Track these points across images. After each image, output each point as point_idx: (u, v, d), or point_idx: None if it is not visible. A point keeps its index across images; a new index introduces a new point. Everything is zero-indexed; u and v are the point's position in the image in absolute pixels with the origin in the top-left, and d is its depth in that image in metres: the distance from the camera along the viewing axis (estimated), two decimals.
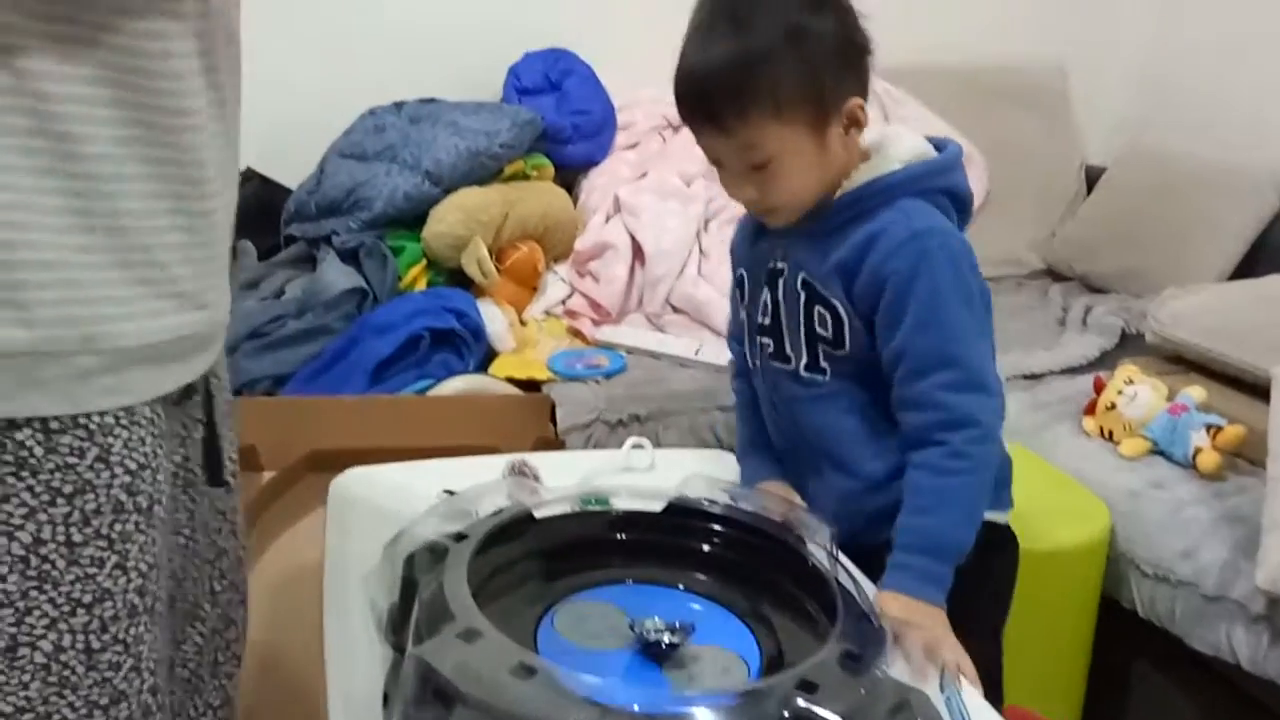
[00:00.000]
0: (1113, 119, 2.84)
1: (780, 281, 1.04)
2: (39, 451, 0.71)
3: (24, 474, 0.71)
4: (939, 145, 1.04)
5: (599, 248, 2.04)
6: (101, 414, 0.73)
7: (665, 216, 2.05)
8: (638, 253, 2.03)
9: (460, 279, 1.97)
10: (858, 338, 1.01)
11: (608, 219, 2.10)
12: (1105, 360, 2.01)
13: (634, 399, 1.76)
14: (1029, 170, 2.65)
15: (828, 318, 1.01)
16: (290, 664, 1.16)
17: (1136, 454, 1.61)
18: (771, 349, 1.07)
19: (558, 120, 2.17)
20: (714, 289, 2.01)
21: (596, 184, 2.22)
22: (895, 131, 1.05)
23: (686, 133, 2.36)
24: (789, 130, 0.94)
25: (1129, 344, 2.06)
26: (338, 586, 0.96)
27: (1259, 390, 1.58)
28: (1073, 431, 1.71)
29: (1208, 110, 2.62)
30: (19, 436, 0.70)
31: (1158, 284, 2.06)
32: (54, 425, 0.71)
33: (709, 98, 0.94)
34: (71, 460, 0.72)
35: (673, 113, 2.35)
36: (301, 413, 1.59)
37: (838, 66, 0.96)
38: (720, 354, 1.87)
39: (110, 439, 0.74)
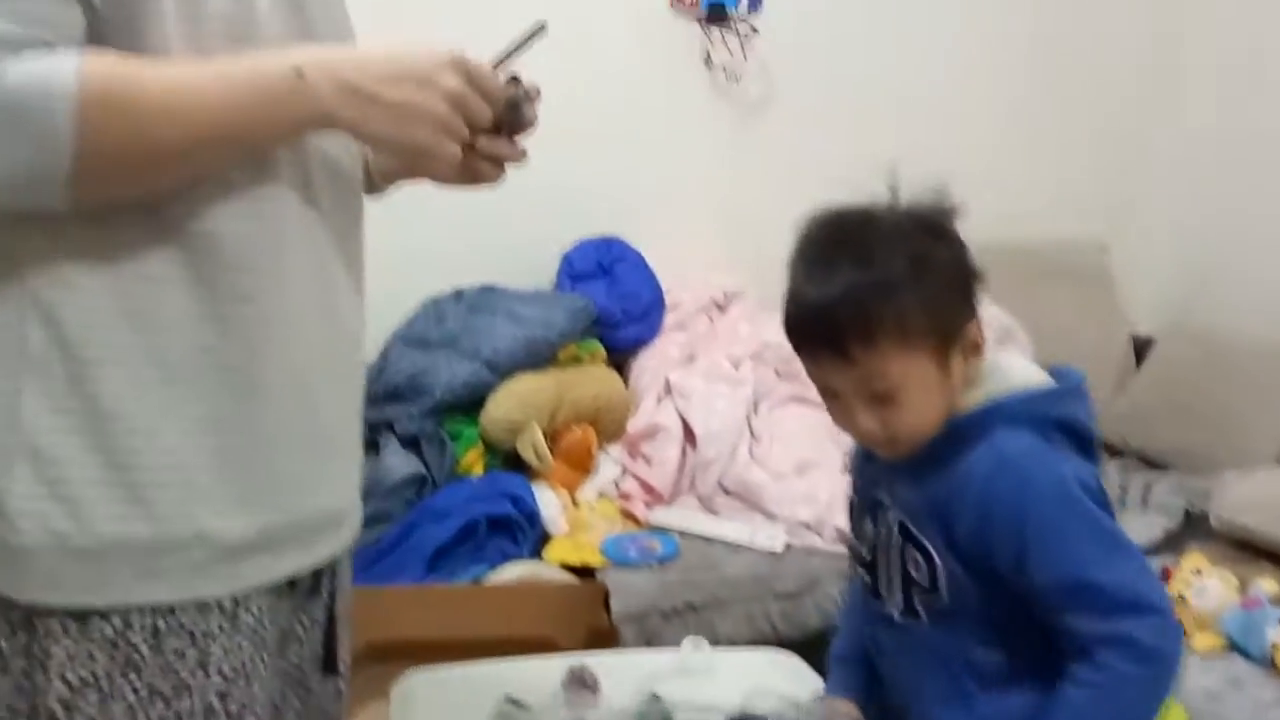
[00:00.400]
0: (1156, 292, 2.87)
1: (881, 516, 0.99)
2: (146, 652, 0.74)
3: (130, 673, 0.74)
4: (1057, 374, 0.98)
5: (651, 429, 2.07)
6: (209, 617, 0.76)
7: (714, 399, 2.09)
8: (689, 435, 2.06)
9: (516, 462, 2.00)
10: (955, 583, 0.93)
11: (659, 401, 2.14)
12: (1170, 542, 1.97)
13: (688, 585, 1.75)
14: (1075, 345, 2.66)
15: (922, 564, 0.95)
16: None
17: (1211, 650, 1.56)
18: (870, 584, 1.01)
19: (608, 305, 2.24)
20: (765, 472, 2.02)
21: (647, 366, 2.27)
22: (1005, 359, 1.00)
23: (734, 313, 2.45)
24: (915, 359, 0.92)
25: (1193, 523, 2.02)
26: None
27: None
28: None
29: (1253, 290, 2.64)
30: (132, 637, 0.74)
31: (1214, 459, 2.04)
32: (162, 627, 0.75)
33: (835, 327, 0.91)
34: (174, 661, 0.75)
35: (718, 294, 2.45)
36: (359, 602, 1.59)
37: (957, 293, 0.94)
38: (774, 538, 1.87)
39: (211, 645, 0.76)
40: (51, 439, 0.72)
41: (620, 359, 2.32)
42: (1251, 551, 1.79)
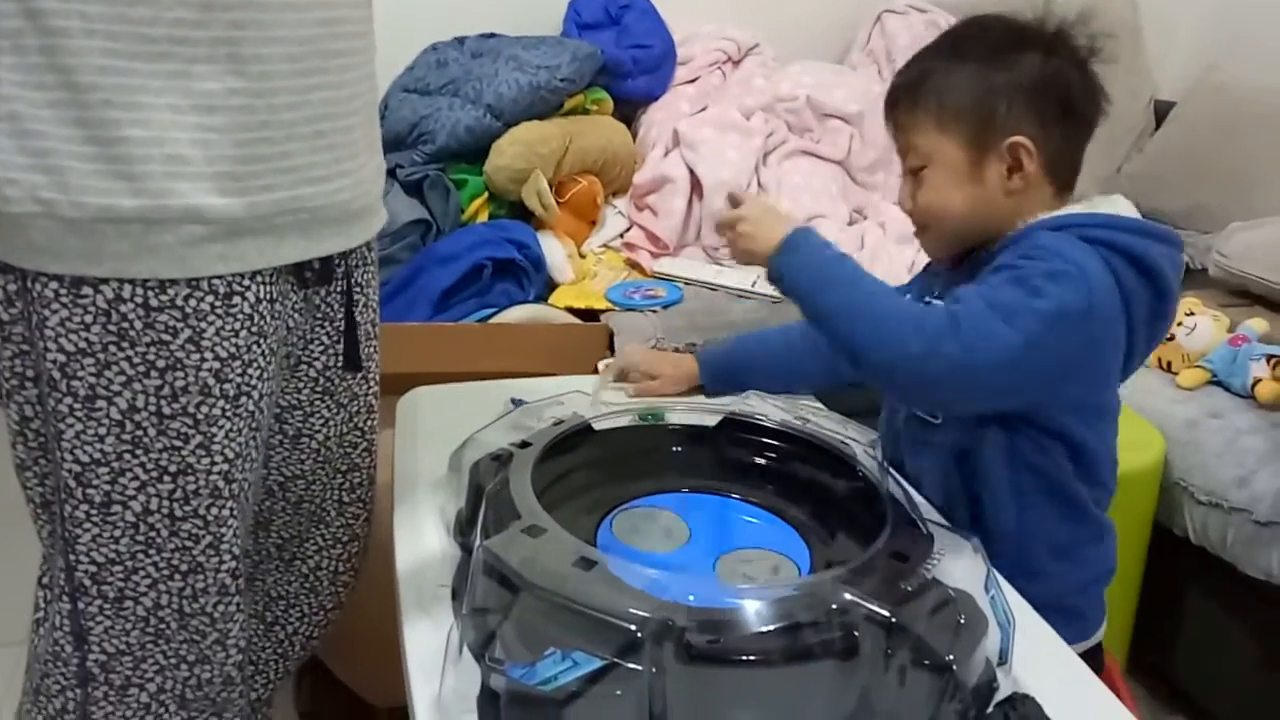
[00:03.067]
0: (1184, 54, 2.76)
1: None
2: (139, 325, 0.78)
3: (124, 344, 0.78)
4: (1156, 222, 0.97)
5: (657, 181, 2.06)
6: (199, 297, 0.78)
7: (724, 150, 2.06)
8: (696, 186, 2.04)
9: (521, 212, 2.00)
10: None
11: (666, 153, 2.11)
12: None
13: (691, 328, 1.78)
14: None
15: None
16: (367, 579, 1.22)
17: (1194, 384, 1.61)
18: None
19: (617, 54, 2.18)
20: None
21: (656, 119, 2.23)
22: (1111, 198, 0.98)
23: (746, 67, 2.38)
24: (946, 139, 0.94)
25: (1193, 279, 2.03)
26: (407, 495, 1.01)
27: None
28: None
29: (1275, 43, 2.53)
30: (123, 309, 0.77)
31: (1225, 220, 2.02)
32: (154, 303, 0.77)
33: (895, 95, 0.99)
34: (165, 337, 0.79)
35: (731, 47, 2.37)
36: None
37: (1021, 103, 0.92)
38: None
39: (203, 324, 0.80)
40: (31, 111, 0.73)
41: (629, 111, 2.27)
42: (1249, 299, 1.81)
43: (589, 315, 1.83)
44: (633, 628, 0.68)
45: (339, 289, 0.94)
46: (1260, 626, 1.50)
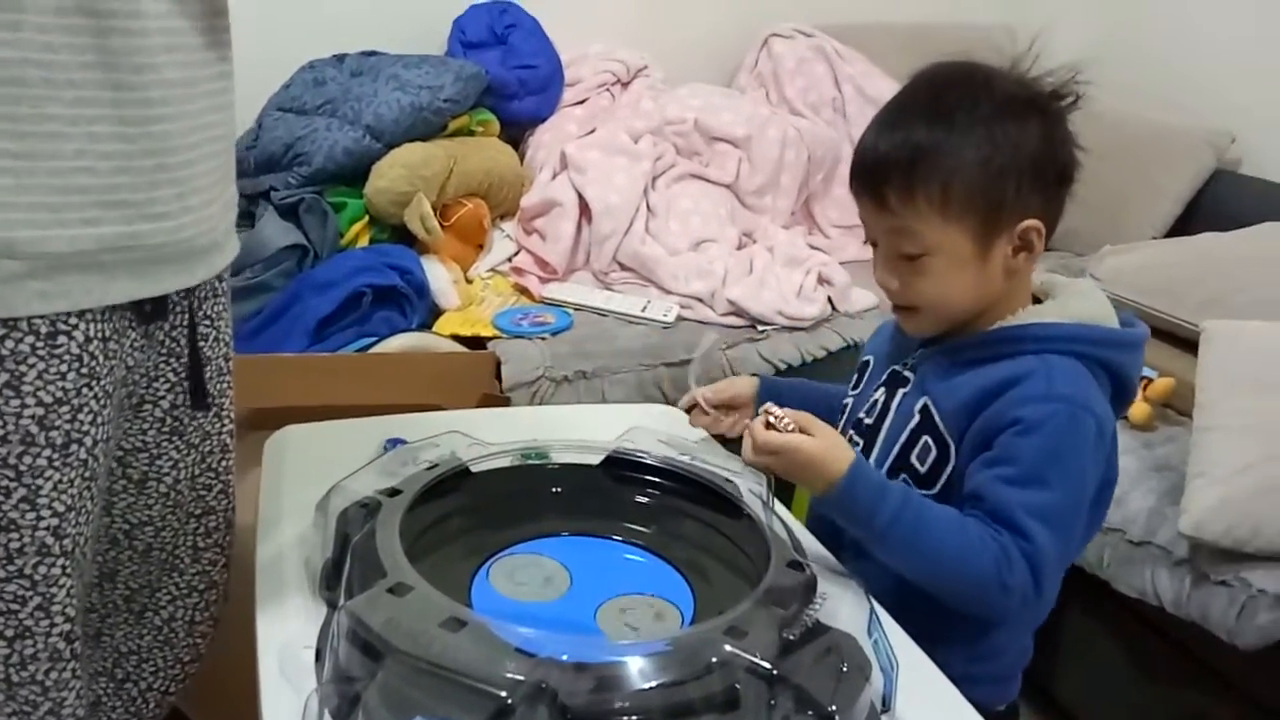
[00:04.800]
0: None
1: (900, 392, 0.96)
2: None
3: None
4: (1125, 321, 0.94)
5: (545, 205, 2.03)
6: (17, 338, 0.72)
7: (612, 173, 2.04)
8: (585, 210, 2.02)
9: (404, 236, 1.94)
10: (954, 488, 0.91)
11: (554, 176, 2.08)
12: None
13: (580, 355, 1.75)
14: None
15: (932, 453, 0.92)
16: (228, 624, 1.15)
17: None
18: (859, 450, 0.95)
19: (503, 75, 2.14)
20: (661, 247, 2.01)
21: (543, 140, 2.20)
22: (1083, 285, 0.96)
23: (635, 89, 2.36)
24: (952, 228, 0.87)
25: None
26: (271, 544, 0.95)
27: (1190, 344, 1.62)
28: None
29: (1148, 74, 2.65)
30: None
31: (1098, 243, 2.09)
32: None
33: (882, 171, 0.89)
34: None
35: (620, 68, 2.36)
36: (240, 370, 1.55)
37: (1026, 181, 0.87)
38: (668, 311, 1.88)
39: (23, 368, 0.73)
40: None
41: (516, 134, 2.24)
42: None
43: (476, 343, 1.78)
44: (503, 693, 0.65)
45: (183, 323, 0.87)
46: (1136, 644, 1.54)
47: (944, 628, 0.88)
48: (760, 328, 1.89)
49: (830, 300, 1.97)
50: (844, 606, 0.78)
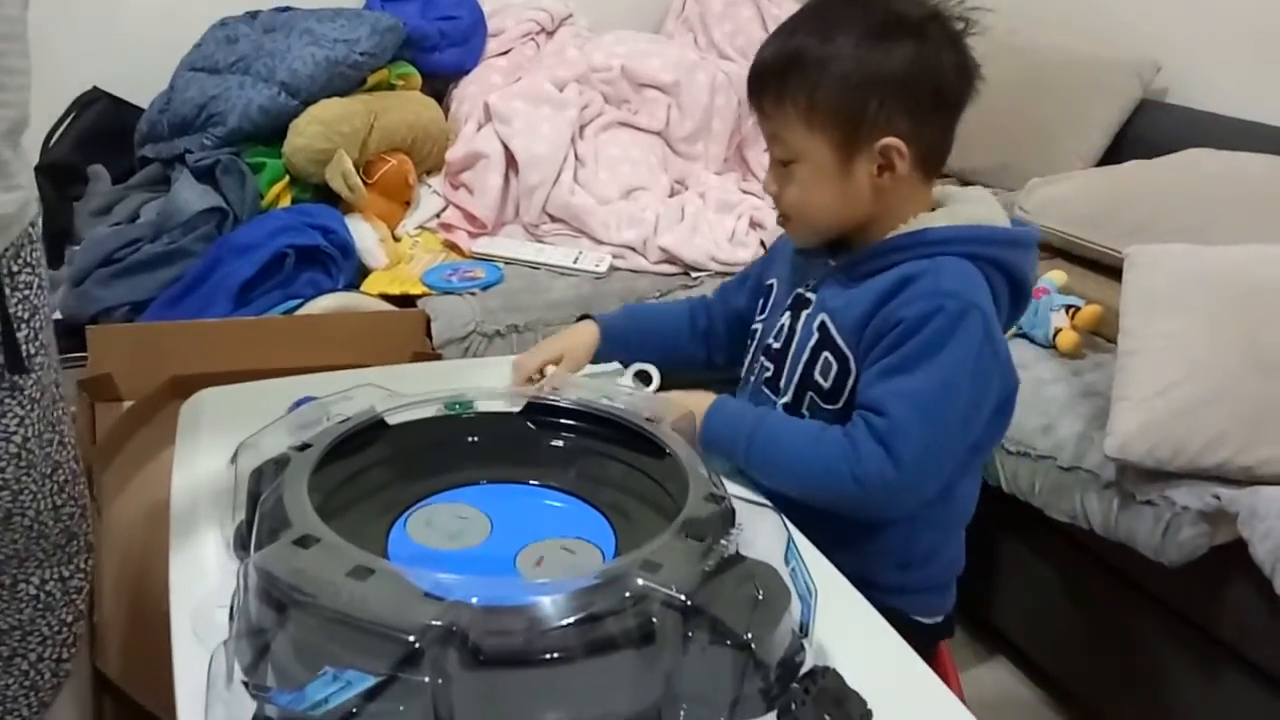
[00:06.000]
0: (987, 18, 2.86)
1: (804, 314, 0.99)
2: None
3: None
4: (1015, 224, 0.97)
5: (471, 158, 1.99)
6: None
7: (538, 123, 2.00)
8: (511, 162, 1.98)
9: (328, 196, 1.90)
10: (855, 391, 0.94)
11: (479, 128, 2.04)
12: None
13: (512, 309, 1.73)
14: None
15: (833, 368, 0.95)
16: (155, 593, 1.13)
17: None
18: (770, 374, 1.01)
19: (423, 26, 2.09)
20: (591, 196, 1.98)
21: (467, 93, 2.16)
22: (974, 192, 0.99)
23: (560, 37, 2.32)
24: (816, 137, 0.91)
25: None
26: (185, 509, 0.93)
27: (1116, 272, 1.63)
28: None
29: (1072, 5, 2.65)
30: None
31: (1030, 176, 2.10)
32: None
33: (761, 78, 0.94)
34: None
35: (544, 18, 2.31)
36: (161, 338, 1.52)
37: (890, 101, 0.89)
38: (599, 262, 1.86)
39: None
40: None
41: (439, 86, 2.19)
42: (1050, 251, 1.88)
43: (406, 302, 1.75)
44: (410, 637, 0.63)
45: None
46: (1068, 568, 1.57)
47: (866, 539, 0.94)
48: (693, 274, 1.88)
49: (763, 244, 1.97)
50: (762, 536, 0.78)
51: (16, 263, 0.86)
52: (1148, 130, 2.29)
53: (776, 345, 1.01)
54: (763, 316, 1.06)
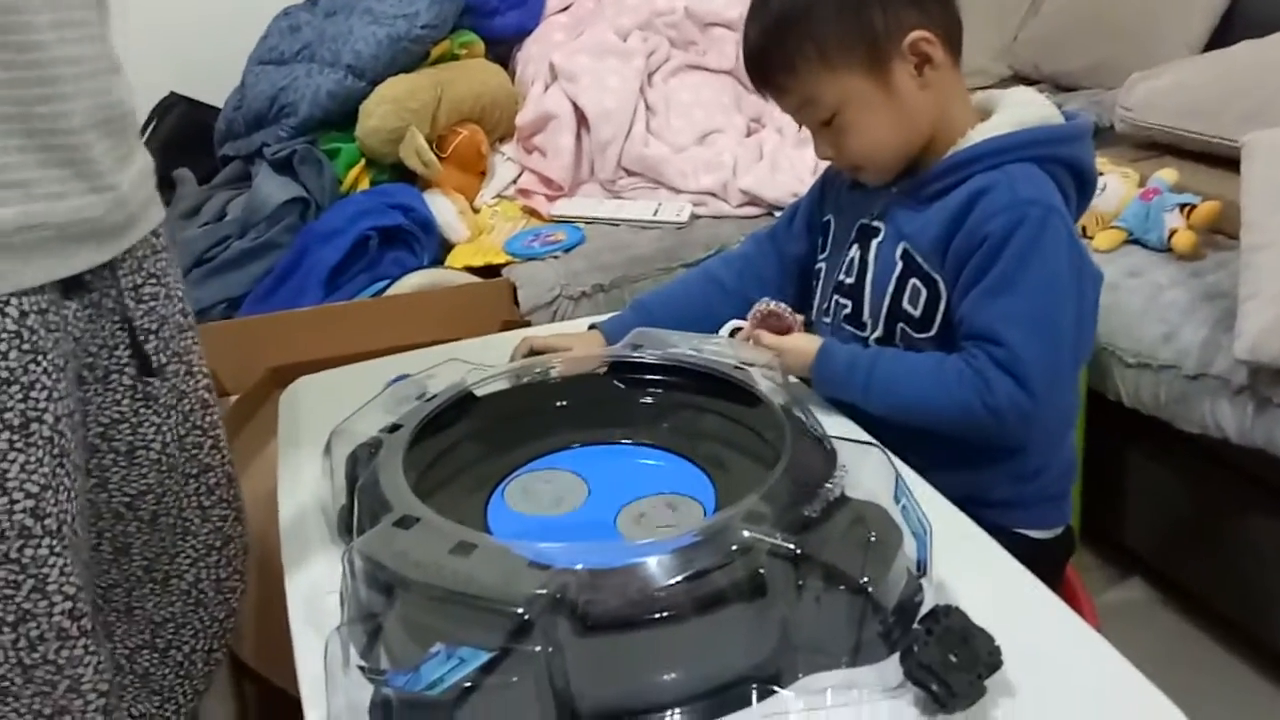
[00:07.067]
0: None
1: (874, 244, 0.96)
2: None
3: None
4: (1068, 115, 0.95)
5: (541, 120, 1.97)
6: None
7: (605, 76, 1.97)
8: (582, 119, 1.95)
9: (405, 174, 1.91)
10: (948, 315, 0.92)
11: (546, 88, 2.01)
12: None
13: (596, 269, 1.72)
14: None
15: (922, 294, 0.93)
16: (278, 579, 1.17)
17: (1112, 246, 1.57)
18: (849, 311, 0.99)
19: None
20: (666, 145, 1.94)
21: (531, 54, 2.13)
22: (1022, 94, 0.97)
23: None
24: (844, 78, 0.89)
25: (1104, 137, 1.99)
26: (290, 497, 0.94)
27: (1232, 164, 1.52)
28: None
29: None
30: None
31: (1127, 74, 1.97)
32: None
33: (761, 60, 0.92)
34: None
35: None
36: (256, 331, 1.56)
37: (890, 3, 0.88)
38: (680, 210, 1.83)
39: None
40: None
41: (503, 51, 2.17)
42: (1158, 149, 1.77)
43: (491, 272, 1.75)
44: (519, 609, 0.63)
45: (118, 290, 0.85)
46: (1201, 480, 1.49)
47: (978, 455, 0.92)
48: (778, 214, 1.83)
49: None
50: (867, 475, 0.74)
51: (139, 275, 0.87)
52: (1257, 6, 2.12)
53: (850, 280, 0.99)
54: (825, 255, 1.03)
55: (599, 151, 1.93)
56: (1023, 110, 0.93)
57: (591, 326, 1.11)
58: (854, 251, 0.98)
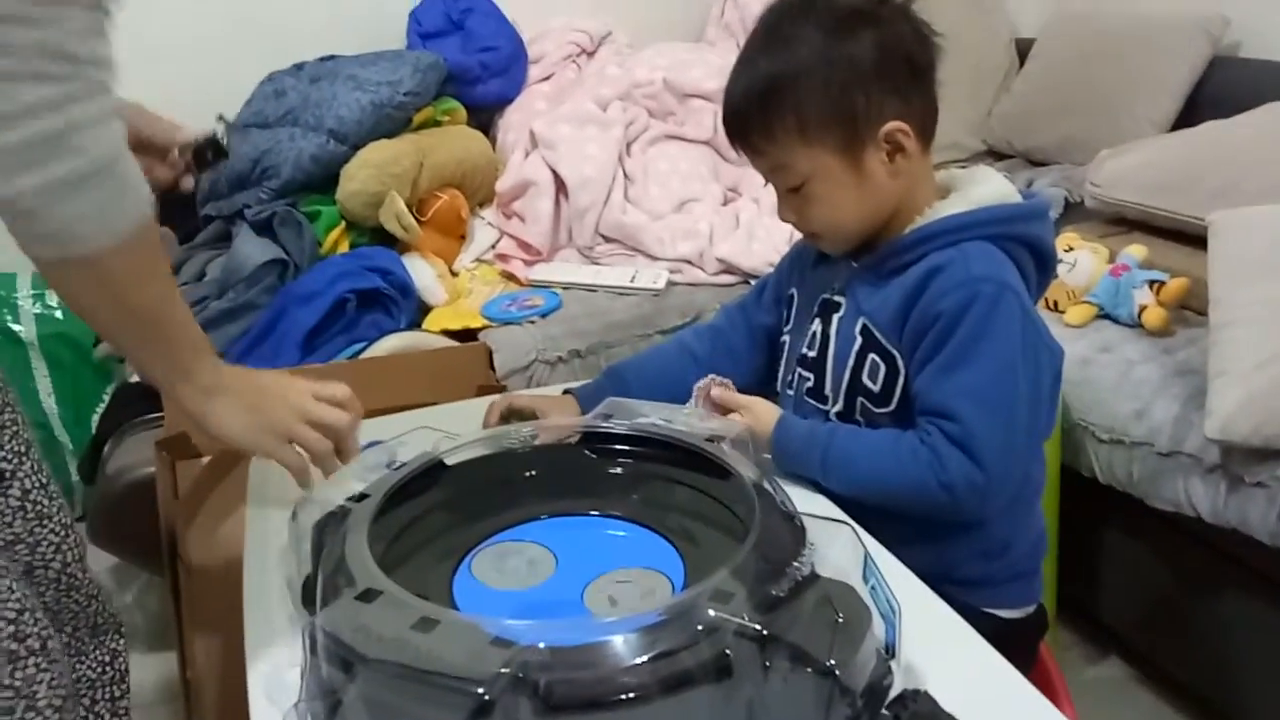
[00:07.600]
0: None
1: (835, 318, 0.98)
2: None
3: None
4: (1026, 195, 0.97)
5: (521, 186, 1.98)
6: None
7: (584, 144, 1.99)
8: (561, 187, 1.97)
9: (385, 237, 1.91)
10: (909, 399, 0.92)
11: (526, 155, 2.04)
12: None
13: (572, 334, 1.72)
14: (958, 51, 2.57)
15: (881, 370, 0.94)
16: (241, 650, 1.14)
17: (1083, 321, 1.59)
18: (811, 384, 1.00)
19: (464, 60, 2.10)
20: (643, 213, 1.96)
21: (513, 121, 2.16)
22: (981, 172, 0.98)
23: (601, 57, 2.31)
24: (818, 152, 0.90)
25: (1074, 213, 2.03)
26: (256, 567, 0.93)
27: (1199, 241, 1.55)
28: None
29: None
30: None
31: (1096, 150, 2.01)
32: None
33: (741, 118, 0.93)
34: None
35: (583, 39, 2.31)
36: None
37: (874, 89, 0.89)
38: (657, 278, 1.84)
39: None
40: None
41: (485, 118, 2.20)
42: (1127, 225, 1.80)
43: (468, 336, 1.75)
44: (479, 689, 0.61)
45: None
46: (1177, 557, 1.49)
47: (945, 532, 0.92)
48: (753, 282, 1.84)
49: None
50: (836, 553, 0.74)
51: None
52: (1222, 89, 2.18)
53: (812, 354, 1.00)
54: (789, 327, 1.04)
55: (577, 218, 1.95)
56: (980, 189, 0.94)
57: (566, 391, 1.11)
58: (816, 325, 0.99)
